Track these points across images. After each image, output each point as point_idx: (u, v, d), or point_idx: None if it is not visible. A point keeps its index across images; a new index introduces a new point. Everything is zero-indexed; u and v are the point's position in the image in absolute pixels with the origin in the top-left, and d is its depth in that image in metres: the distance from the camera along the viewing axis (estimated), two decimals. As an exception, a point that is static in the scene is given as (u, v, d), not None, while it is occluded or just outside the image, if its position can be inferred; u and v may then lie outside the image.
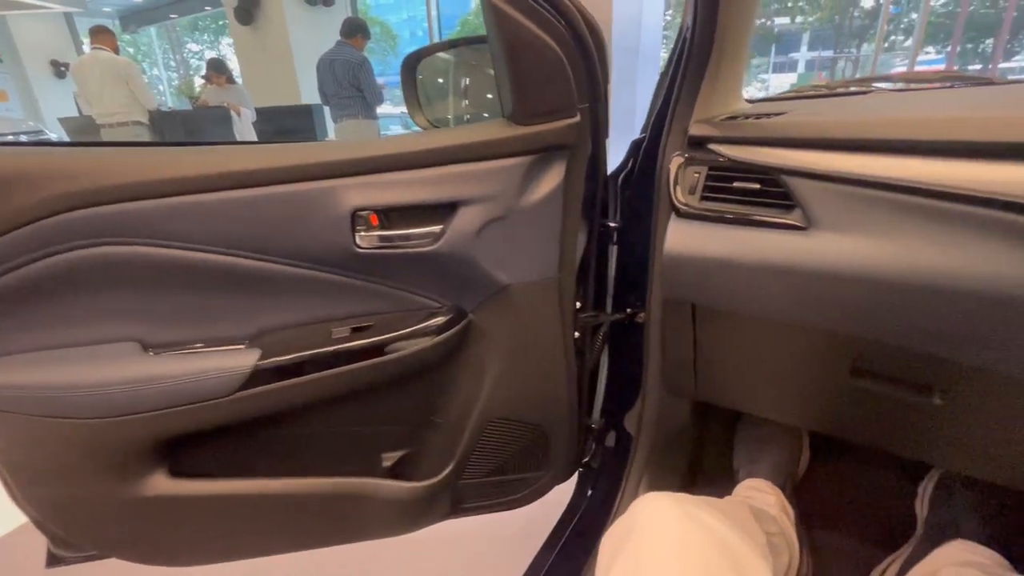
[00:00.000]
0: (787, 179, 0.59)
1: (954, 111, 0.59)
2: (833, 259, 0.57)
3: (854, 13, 12.69)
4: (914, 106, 0.67)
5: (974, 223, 0.49)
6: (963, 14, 9.11)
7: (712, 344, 0.75)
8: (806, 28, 15.55)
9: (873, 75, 0.93)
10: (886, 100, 0.76)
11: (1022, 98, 0.66)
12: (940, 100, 0.70)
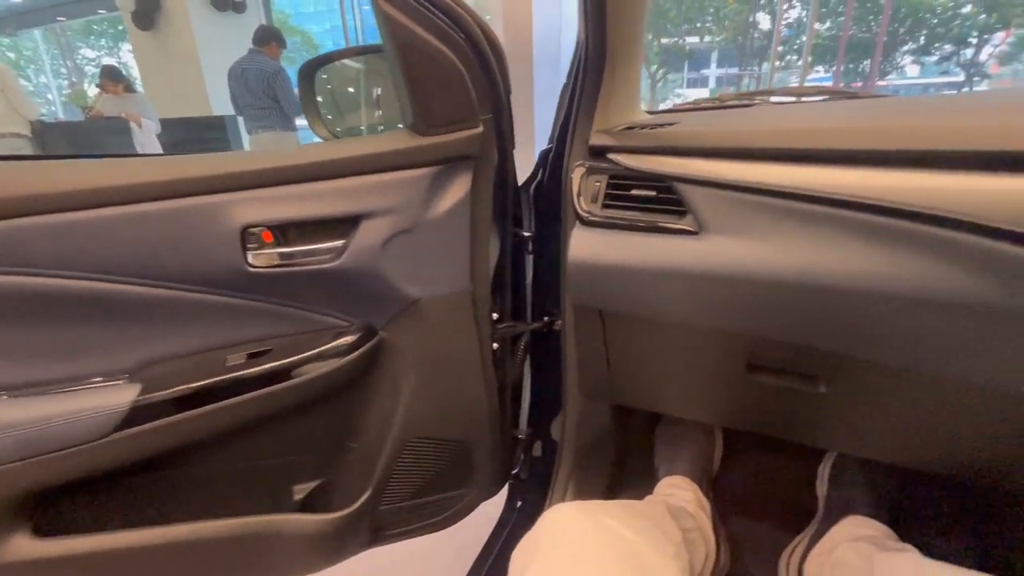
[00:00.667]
0: (679, 186, 0.62)
1: (824, 122, 0.64)
2: (721, 262, 0.60)
3: (754, 35, 13.86)
4: (791, 117, 0.73)
5: (843, 225, 0.54)
6: (844, 38, 10.23)
7: (622, 348, 0.77)
8: (714, 47, 16.79)
9: (761, 89, 1.01)
10: (769, 112, 0.83)
11: (881, 111, 0.73)
12: (814, 112, 0.77)
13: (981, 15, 11.69)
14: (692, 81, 20.89)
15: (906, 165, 0.51)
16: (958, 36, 12.18)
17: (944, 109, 0.65)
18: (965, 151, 0.49)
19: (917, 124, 0.54)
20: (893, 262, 0.52)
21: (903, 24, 12.11)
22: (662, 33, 15.08)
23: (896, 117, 0.63)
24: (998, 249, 0.47)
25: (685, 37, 15.40)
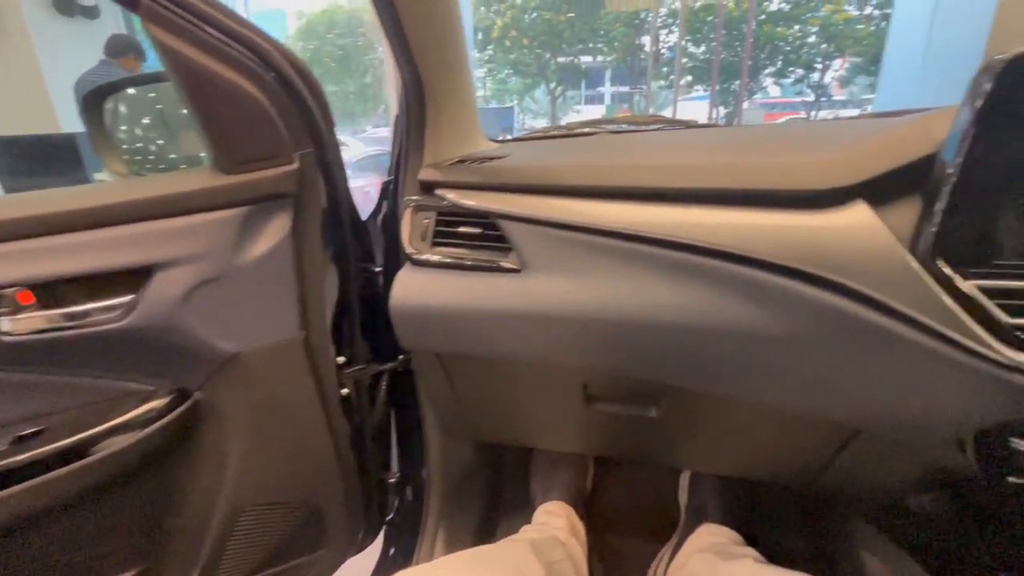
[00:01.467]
0: (502, 223, 0.61)
1: (640, 158, 0.67)
2: (541, 300, 0.59)
3: (641, 56, 14.96)
4: (616, 151, 0.76)
5: (647, 261, 0.55)
6: (716, 61, 11.36)
7: (468, 387, 0.75)
8: (607, 66, 17.92)
9: (604, 118, 1.05)
10: (604, 143, 0.86)
11: (710, 142, 0.78)
12: (638, 146, 0.81)
13: (823, 44, 13.55)
14: (590, 98, 22.11)
15: (701, 202, 0.54)
16: (807, 62, 14.04)
17: (746, 143, 0.70)
18: (753, 189, 0.53)
19: (715, 161, 0.58)
20: (692, 297, 0.54)
21: (763, 50, 13.71)
22: (558, 52, 15.81)
23: (705, 152, 0.67)
24: (771, 281, 0.51)
25: (580, 56, 16.22)
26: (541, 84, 17.35)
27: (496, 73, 18.08)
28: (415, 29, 0.61)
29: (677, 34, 14.56)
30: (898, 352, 0.47)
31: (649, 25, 14.20)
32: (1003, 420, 0.46)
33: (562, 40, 15.27)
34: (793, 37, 13.61)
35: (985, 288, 0.45)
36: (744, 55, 10.85)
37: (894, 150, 0.50)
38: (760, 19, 13.09)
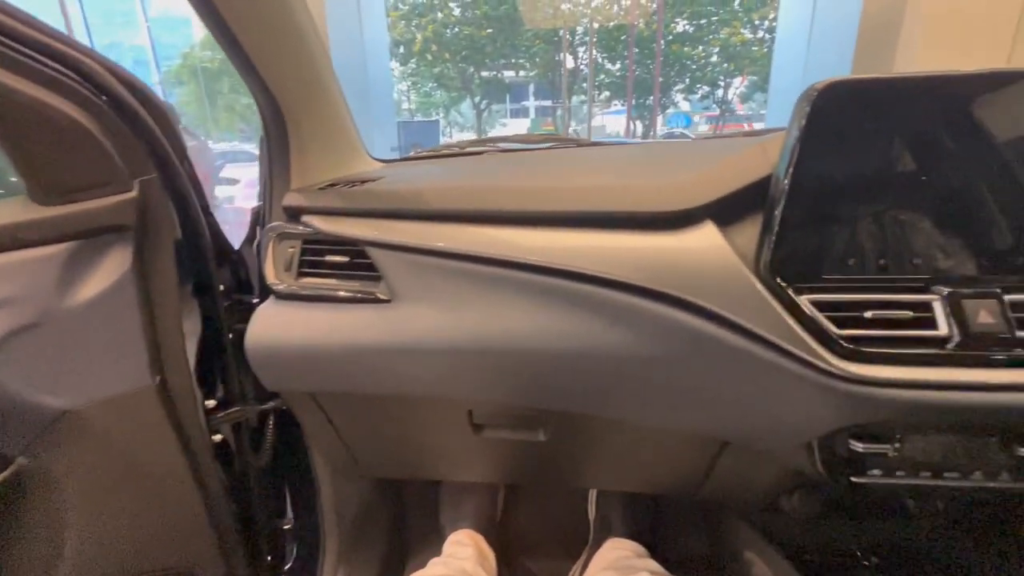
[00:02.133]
0: (371, 251, 0.59)
1: (513, 180, 0.67)
2: (414, 331, 0.57)
3: (561, 72, 15.47)
4: (500, 171, 0.76)
5: (518, 286, 0.55)
6: (630, 78, 11.99)
7: (349, 424, 0.71)
8: (529, 81, 18.36)
9: (497, 136, 1.06)
10: (490, 163, 0.85)
11: (587, 163, 0.80)
12: (525, 164, 0.81)
13: (724, 64, 14.70)
14: (515, 112, 22.53)
15: (565, 225, 0.54)
16: (711, 80, 15.17)
17: (619, 164, 0.72)
18: (613, 212, 0.54)
19: (581, 184, 0.59)
20: (560, 322, 0.54)
21: (673, 68, 14.65)
22: (481, 67, 16.00)
23: (576, 174, 0.68)
24: (632, 303, 0.51)
25: (503, 71, 16.51)
26: (466, 98, 17.46)
27: (420, 86, 17.98)
28: (263, 51, 0.57)
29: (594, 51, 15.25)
30: (747, 367, 0.50)
31: (569, 42, 14.75)
32: (842, 425, 0.50)
33: (485, 55, 15.48)
34: (698, 57, 14.65)
35: (817, 302, 0.48)
36: (655, 72, 11.54)
37: (737, 172, 0.53)
38: (668, 39, 13.99)
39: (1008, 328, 0.45)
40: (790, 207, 0.47)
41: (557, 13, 13.54)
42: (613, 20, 13.62)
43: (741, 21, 13.65)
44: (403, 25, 14.62)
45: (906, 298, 0.47)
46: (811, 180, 0.46)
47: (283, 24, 0.58)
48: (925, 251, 0.47)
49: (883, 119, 0.46)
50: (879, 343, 0.47)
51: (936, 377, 0.45)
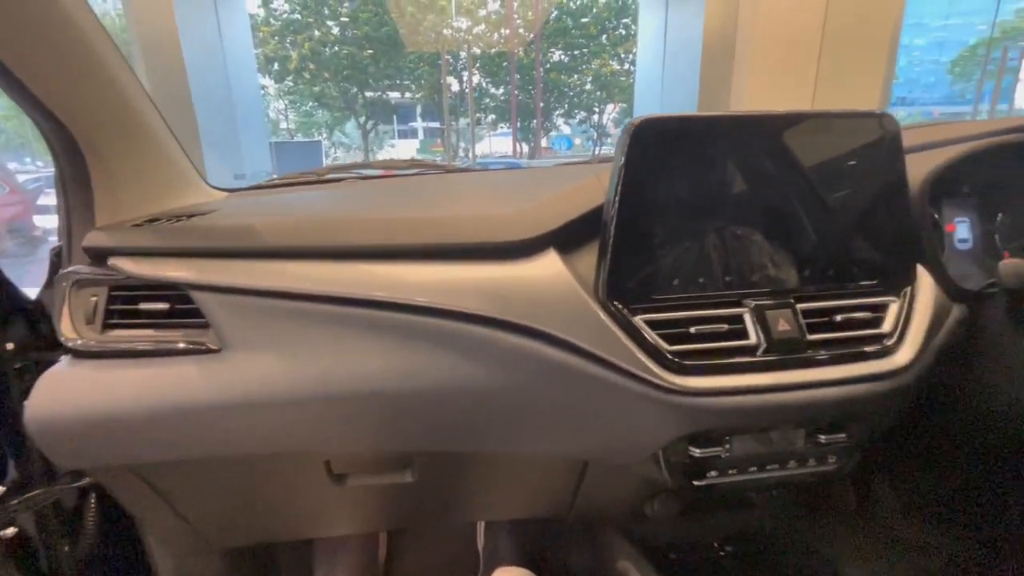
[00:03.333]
0: (196, 295, 0.52)
1: (365, 211, 0.64)
2: (251, 382, 0.51)
3: (448, 95, 15.68)
4: (351, 201, 0.72)
5: (368, 326, 0.52)
6: (513, 103, 12.51)
7: (183, 494, 0.62)
8: (416, 102, 18.33)
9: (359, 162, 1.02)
10: (345, 192, 0.82)
11: (441, 192, 0.78)
12: (379, 193, 0.79)
13: (598, 92, 15.95)
14: (403, 132, 22.33)
15: (408, 258, 0.53)
16: (588, 105, 16.36)
17: (471, 192, 0.73)
18: (457, 243, 0.53)
19: (425, 216, 0.57)
20: (410, 359, 0.52)
21: (552, 94, 15.57)
22: (365, 87, 15.67)
23: (426, 204, 0.67)
24: (479, 334, 0.51)
25: (388, 92, 16.31)
26: (351, 118, 16.95)
27: (299, 105, 17.10)
28: (40, 72, 0.48)
29: (478, 75, 15.71)
30: (593, 388, 0.52)
31: (453, 66, 15.02)
32: (681, 434, 0.53)
33: (368, 75, 15.19)
34: (574, 85, 15.74)
35: (650, 321, 0.51)
36: (536, 98, 12.17)
37: (576, 200, 0.56)
38: (546, 67, 14.86)
39: (800, 333, 0.52)
40: (619, 233, 0.50)
41: (439, 38, 13.76)
42: (494, 47, 14.16)
43: (609, 54, 14.95)
44: (276, 41, 13.85)
45: (722, 312, 0.52)
46: (635, 207, 0.50)
47: (64, 42, 0.50)
48: (736, 268, 0.53)
49: (691, 151, 0.51)
50: (703, 356, 0.51)
51: (748, 383, 0.50)
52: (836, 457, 0.58)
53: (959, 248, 0.72)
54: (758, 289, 0.53)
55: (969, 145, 0.61)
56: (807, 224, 0.54)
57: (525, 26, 13.72)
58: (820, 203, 0.54)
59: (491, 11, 13.73)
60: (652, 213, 0.51)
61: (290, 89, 15.69)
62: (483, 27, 14.04)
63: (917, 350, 0.53)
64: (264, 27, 13.49)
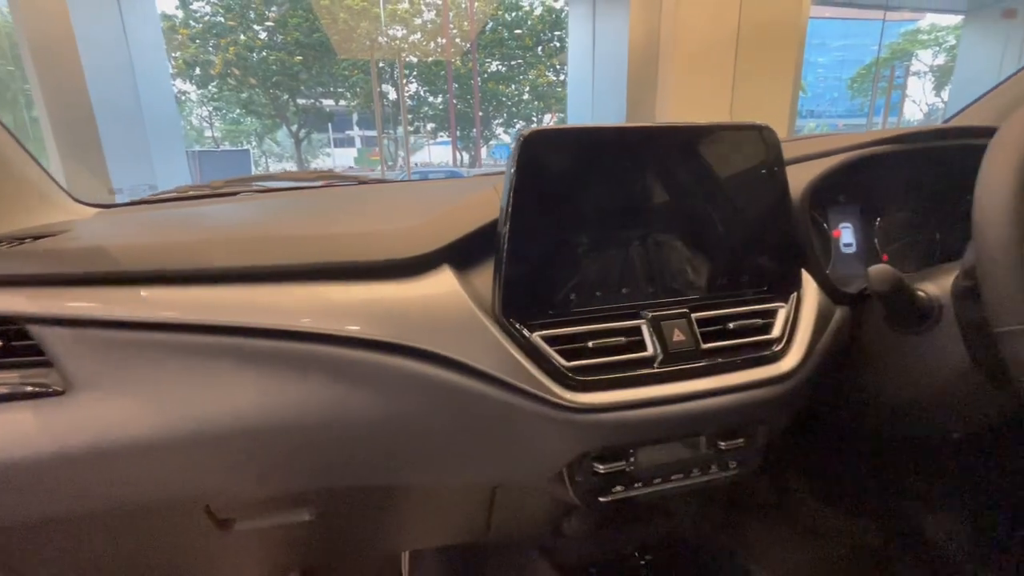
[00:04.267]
0: (35, 329, 0.45)
1: (244, 229, 0.59)
2: (103, 427, 0.45)
3: (384, 103, 15.40)
4: (246, 217, 0.67)
5: (243, 356, 0.47)
6: (452, 111, 12.48)
7: (31, 564, 0.54)
8: (352, 111, 17.87)
9: (261, 174, 0.95)
10: (239, 207, 0.76)
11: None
12: (279, 208, 0.73)
13: (535, 101, 16.24)
14: (339, 141, 21.70)
15: (284, 279, 0.49)
16: (526, 115, 16.61)
17: (364, 207, 0.69)
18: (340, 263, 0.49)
19: (307, 233, 0.53)
20: (291, 391, 0.48)
21: (491, 104, 15.69)
22: (297, 94, 15.11)
23: (328, 220, 0.63)
24: (377, 361, 0.48)
25: (321, 100, 15.80)
26: (283, 126, 16.26)
27: (226, 113, 16.21)
28: None
29: (415, 84, 15.56)
30: (491, 410, 0.49)
31: (390, 74, 14.79)
32: (583, 451, 0.52)
33: (299, 82, 14.65)
34: (512, 95, 15.95)
35: (547, 337, 0.50)
36: (475, 107, 12.21)
37: (472, 214, 0.54)
38: (484, 77, 14.97)
39: (695, 342, 0.52)
40: (512, 247, 0.48)
41: (373, 45, 13.50)
42: (430, 56, 14.08)
43: (545, 65, 15.28)
44: (197, 45, 13.07)
45: (620, 325, 0.52)
46: (528, 220, 0.48)
47: None
48: (632, 279, 0.53)
49: (582, 162, 0.50)
50: (602, 370, 0.50)
51: (645, 395, 0.50)
52: (736, 462, 0.59)
53: (845, 252, 0.76)
54: (655, 300, 0.53)
55: (843, 156, 0.65)
56: (698, 234, 0.54)
57: (461, 36, 13.75)
58: (709, 213, 0.55)
59: (427, 20, 13.67)
60: (546, 226, 0.50)
61: (214, 95, 14.84)
62: (419, 36, 13.94)
63: (803, 354, 0.55)
64: (183, 29, 12.70)
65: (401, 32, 13.70)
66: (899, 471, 0.97)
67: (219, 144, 16.36)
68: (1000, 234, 0.41)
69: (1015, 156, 0.43)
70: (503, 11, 14.34)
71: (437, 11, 13.14)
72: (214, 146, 16.01)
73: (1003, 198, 0.41)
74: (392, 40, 13.67)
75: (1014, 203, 0.41)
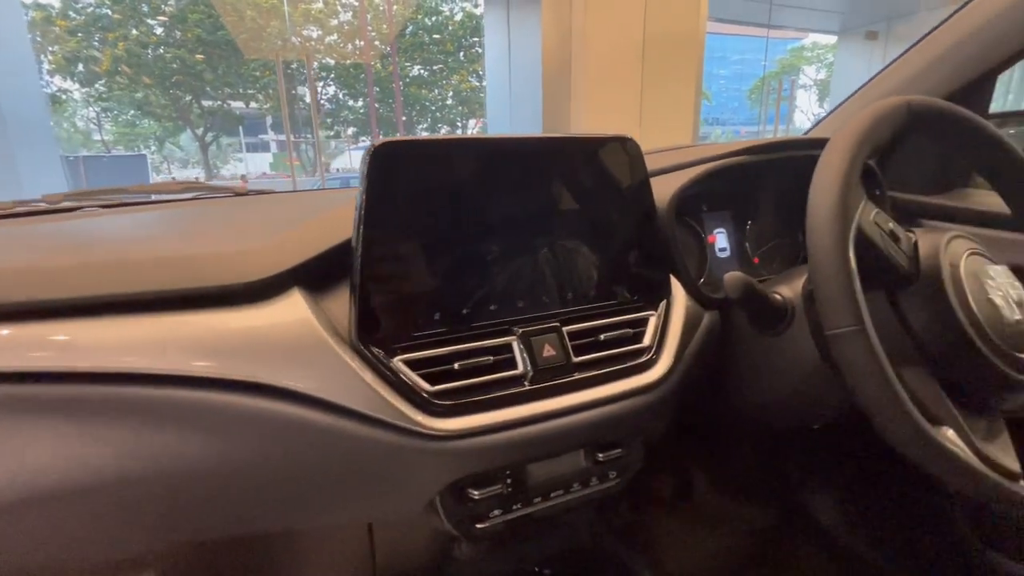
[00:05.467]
0: None
1: (82, 252, 0.51)
2: None
3: (301, 106, 14.70)
4: (70, 239, 0.58)
5: (62, 407, 0.40)
6: (372, 115, 12.14)
7: None
8: (265, 114, 16.87)
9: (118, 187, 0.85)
10: (68, 226, 0.66)
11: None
12: (119, 226, 0.65)
13: (458, 106, 16.22)
14: (253, 146, 20.40)
15: (114, 312, 0.42)
16: (451, 121, 16.54)
17: (211, 224, 0.63)
18: (170, 290, 0.44)
19: (152, 256, 0.47)
20: (117, 441, 0.41)
21: (414, 108, 15.45)
22: (201, 95, 14.03)
23: (166, 240, 0.56)
24: (216, 401, 0.43)
25: (229, 102, 14.78)
26: (186, 129, 15.03)
27: (117, 114, 14.70)
28: None
29: (334, 87, 14.99)
30: (348, 444, 0.46)
31: (305, 76, 14.12)
32: (451, 480, 0.50)
33: (204, 82, 13.61)
34: (435, 99, 15.81)
35: (410, 362, 0.47)
36: (397, 112, 11.96)
37: (329, 230, 0.50)
38: (406, 81, 14.72)
39: (566, 357, 0.52)
40: (367, 267, 0.45)
41: (286, 45, 12.84)
42: (348, 58, 13.62)
43: (467, 70, 15.30)
44: (79, 39, 11.76)
45: (489, 343, 0.50)
46: (383, 237, 0.45)
47: None
48: (501, 295, 0.51)
49: (440, 175, 0.48)
50: (471, 392, 0.48)
51: (514, 415, 0.48)
52: (616, 472, 0.59)
53: (720, 257, 0.80)
54: (526, 315, 0.52)
55: (705, 166, 0.68)
56: (567, 246, 0.54)
57: (380, 38, 13.43)
58: (577, 225, 0.54)
59: (343, 21, 13.21)
60: (403, 243, 0.47)
61: (102, 95, 13.41)
62: (335, 37, 13.45)
63: (671, 361, 0.56)
64: (60, 21, 11.38)
65: (316, 33, 13.15)
66: (781, 459, 1.04)
67: (110, 149, 14.80)
68: (826, 241, 0.43)
69: (840, 166, 0.46)
70: (423, 15, 14.19)
71: (354, 12, 12.76)
72: (104, 151, 14.45)
73: (828, 207, 0.44)
74: (307, 41, 13.07)
75: (837, 211, 0.44)
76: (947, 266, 0.48)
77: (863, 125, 0.48)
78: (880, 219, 0.48)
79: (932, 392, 0.46)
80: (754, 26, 13.19)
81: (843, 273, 0.42)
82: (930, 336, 0.47)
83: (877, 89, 0.88)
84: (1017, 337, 0.47)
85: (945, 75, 0.78)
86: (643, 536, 0.93)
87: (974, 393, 0.47)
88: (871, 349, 0.41)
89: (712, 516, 1.04)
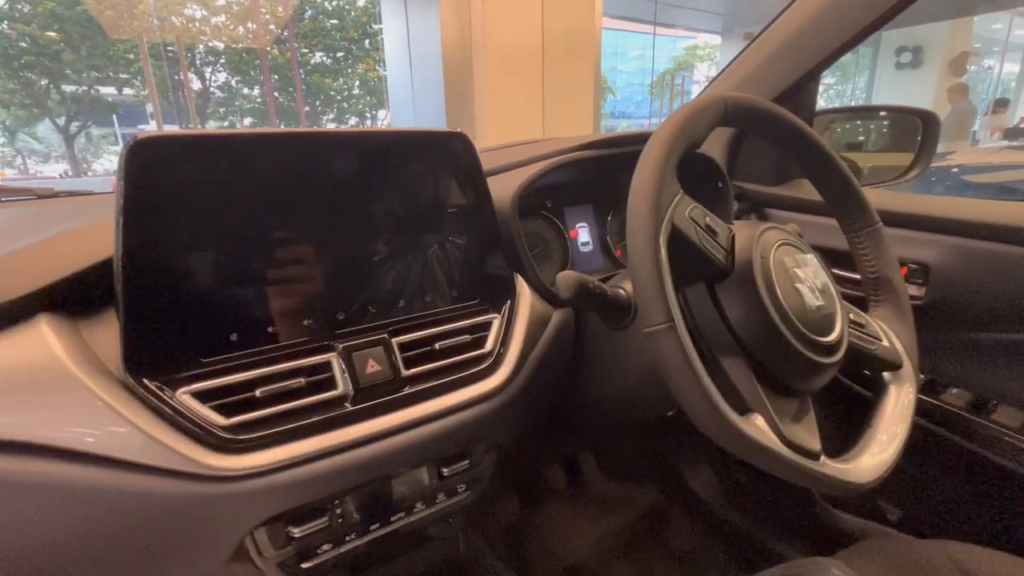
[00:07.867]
0: None
1: None
2: None
3: (182, 93, 13.29)
4: None
5: None
6: (271, 105, 11.29)
7: None
8: (142, 101, 15.09)
9: None
10: None
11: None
12: None
13: (366, 96, 15.56)
14: (128, 137, 18.25)
15: None
16: (359, 111, 15.82)
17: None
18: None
19: None
20: None
21: (318, 98, 14.59)
22: (62, 79, 12.25)
23: None
24: None
25: (97, 87, 13.06)
26: (45, 118, 13.07)
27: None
28: None
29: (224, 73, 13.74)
30: (118, 500, 0.39)
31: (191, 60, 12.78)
32: (255, 524, 0.44)
33: (64, 65, 11.88)
34: (340, 89, 15.04)
35: (198, 393, 0.40)
36: (299, 101, 11.22)
37: (89, 245, 0.42)
38: (308, 69, 13.84)
39: (394, 371, 0.48)
40: (134, 286, 0.38)
41: (165, 25, 11.52)
42: (239, 42, 12.54)
43: (374, 59, 14.69)
44: None
45: (302, 363, 0.45)
46: (153, 251, 0.39)
47: None
48: (316, 309, 0.46)
49: (224, 175, 0.41)
50: (277, 421, 0.43)
51: (334, 441, 0.44)
52: (466, 485, 0.56)
53: (583, 251, 0.80)
54: (348, 328, 0.47)
55: (551, 160, 0.67)
56: (395, 249, 0.50)
57: (275, 22, 12.49)
58: (406, 226, 0.50)
59: (232, 1, 12.10)
60: (180, 256, 0.40)
61: None
62: (223, 18, 12.30)
63: (515, 364, 0.54)
64: None
65: (201, 13, 11.93)
66: (657, 442, 1.09)
67: (-57, 140, 12.54)
68: (637, 238, 0.43)
69: (653, 163, 0.46)
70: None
71: (243, -8, 11.73)
72: (-64, 143, 12.22)
73: (640, 204, 0.44)
74: (189, 21, 11.82)
75: (649, 208, 0.43)
76: (758, 258, 0.50)
77: (677, 122, 0.48)
78: (696, 214, 0.49)
79: (747, 381, 0.48)
80: (642, 23, 13.88)
81: (654, 270, 0.42)
82: (743, 326, 0.49)
83: (719, 88, 0.92)
84: (819, 322, 0.50)
85: (773, 78, 0.83)
86: (541, 520, 0.93)
87: (784, 378, 0.50)
88: (680, 346, 0.41)
89: (606, 497, 1.06)
